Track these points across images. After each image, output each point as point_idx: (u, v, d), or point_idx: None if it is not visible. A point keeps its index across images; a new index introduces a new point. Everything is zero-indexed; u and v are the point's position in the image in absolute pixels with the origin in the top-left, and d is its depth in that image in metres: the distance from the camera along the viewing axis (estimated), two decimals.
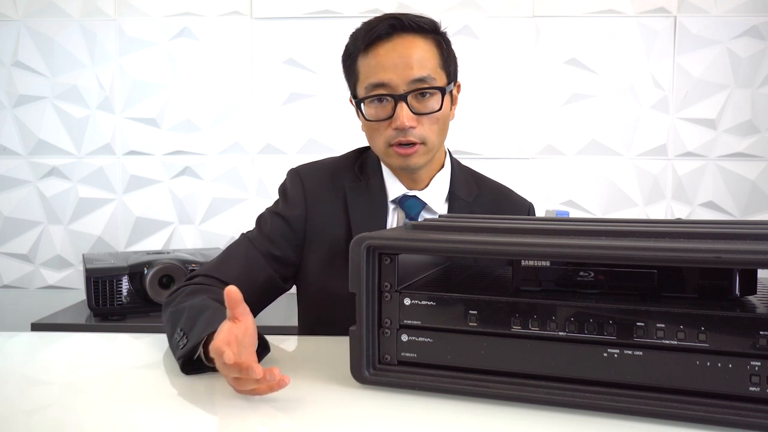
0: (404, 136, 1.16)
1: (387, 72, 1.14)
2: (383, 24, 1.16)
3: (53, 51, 2.44)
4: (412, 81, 1.14)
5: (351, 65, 1.21)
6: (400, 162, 1.19)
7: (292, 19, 2.42)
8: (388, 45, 1.15)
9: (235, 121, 2.46)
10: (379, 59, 1.16)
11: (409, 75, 1.14)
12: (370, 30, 1.16)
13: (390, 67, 1.14)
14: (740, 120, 2.37)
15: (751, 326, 0.69)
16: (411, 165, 1.19)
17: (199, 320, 0.95)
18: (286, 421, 0.77)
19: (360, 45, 1.18)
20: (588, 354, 0.76)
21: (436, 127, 1.18)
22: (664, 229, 0.78)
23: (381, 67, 1.15)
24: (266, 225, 1.25)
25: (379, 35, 1.15)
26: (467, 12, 2.40)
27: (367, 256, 0.82)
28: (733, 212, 2.39)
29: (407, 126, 1.14)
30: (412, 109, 1.15)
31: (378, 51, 1.16)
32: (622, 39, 2.38)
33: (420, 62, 1.15)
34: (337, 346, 0.93)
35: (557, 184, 2.42)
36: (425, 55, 1.16)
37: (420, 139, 1.17)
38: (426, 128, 1.17)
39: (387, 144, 1.18)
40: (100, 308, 1.98)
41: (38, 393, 0.87)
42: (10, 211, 2.48)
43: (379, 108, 1.17)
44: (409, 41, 1.16)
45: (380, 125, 1.18)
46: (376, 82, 1.16)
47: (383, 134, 1.18)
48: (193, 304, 1.02)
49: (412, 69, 1.14)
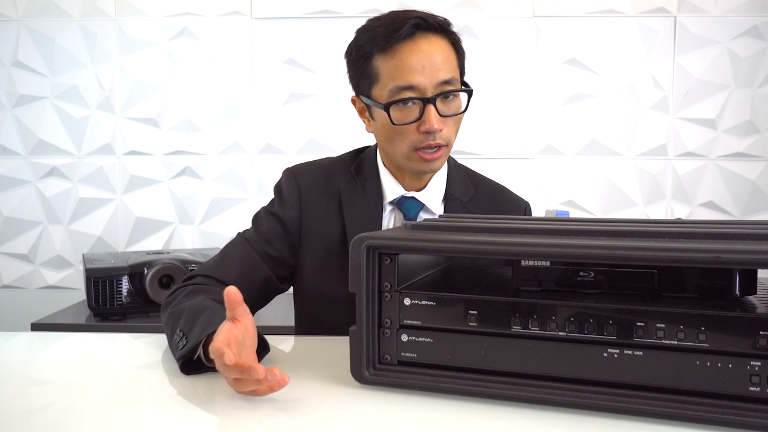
0: (433, 139, 1.13)
1: (415, 74, 1.10)
2: (408, 24, 1.10)
3: (53, 51, 2.44)
4: (440, 83, 1.11)
5: (364, 65, 1.15)
6: (422, 166, 1.16)
7: (292, 19, 2.42)
8: (412, 45, 1.11)
9: (235, 121, 2.46)
10: (405, 61, 1.10)
11: (437, 77, 1.11)
12: (394, 30, 1.11)
13: (418, 69, 1.10)
14: (740, 120, 2.37)
15: (751, 326, 0.69)
16: (434, 168, 1.18)
17: (199, 321, 0.95)
18: (286, 421, 0.77)
19: (380, 44, 1.12)
20: (588, 354, 0.76)
21: (457, 128, 1.18)
22: (664, 229, 0.78)
23: (408, 69, 1.10)
24: (262, 225, 1.25)
25: (401, 34, 1.10)
26: (467, 12, 2.40)
27: (367, 256, 0.82)
28: (733, 212, 2.38)
29: (437, 129, 1.11)
30: (438, 111, 1.12)
31: (402, 51, 1.11)
32: (622, 39, 2.38)
33: (446, 63, 1.12)
34: (337, 346, 0.94)
35: (557, 184, 2.42)
36: (448, 56, 1.13)
37: (445, 141, 1.15)
38: (450, 130, 1.16)
39: (412, 148, 1.14)
40: (100, 308, 1.98)
41: (38, 393, 0.87)
42: (10, 211, 2.48)
43: (406, 111, 1.13)
44: (434, 42, 1.12)
45: (406, 129, 1.13)
46: (404, 85, 1.11)
47: (409, 138, 1.14)
48: (192, 305, 1.02)
49: (440, 71, 1.11)
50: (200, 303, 1.02)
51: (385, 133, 1.17)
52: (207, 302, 1.02)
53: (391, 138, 1.16)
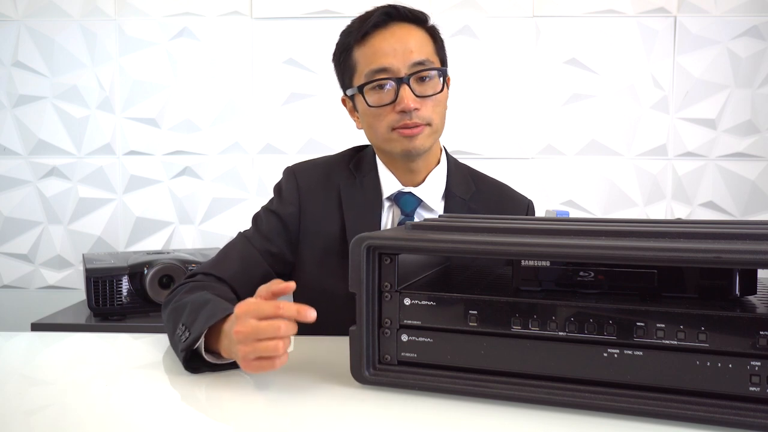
0: (409, 118, 1.16)
1: (387, 57, 1.15)
2: (378, 12, 1.17)
3: (53, 51, 2.44)
4: (412, 64, 1.15)
5: (345, 59, 1.22)
6: (404, 145, 1.18)
7: (292, 19, 2.42)
8: (385, 32, 1.17)
9: (235, 121, 2.46)
10: (378, 46, 1.16)
11: (409, 58, 1.15)
12: (365, 20, 1.18)
13: (390, 52, 1.15)
14: (740, 120, 2.37)
15: (751, 326, 0.69)
16: (417, 146, 1.18)
17: (202, 313, 0.95)
18: (286, 421, 0.77)
19: (356, 36, 1.19)
20: (588, 354, 0.76)
21: (439, 109, 1.19)
22: (664, 229, 0.78)
23: (381, 53, 1.16)
24: (262, 223, 1.26)
25: (375, 24, 1.17)
26: (467, 12, 2.40)
27: (367, 256, 0.82)
28: (733, 212, 2.38)
29: (412, 107, 1.14)
30: (414, 92, 1.15)
31: (375, 39, 1.17)
32: (622, 39, 2.38)
33: (418, 47, 1.17)
34: (337, 346, 0.93)
35: (557, 184, 2.42)
36: (421, 41, 1.18)
37: (425, 120, 1.17)
38: (430, 110, 1.17)
39: (390, 128, 1.17)
40: (100, 308, 1.97)
41: (38, 393, 0.87)
42: (10, 211, 2.48)
43: (382, 93, 1.17)
44: (405, 28, 1.18)
45: (383, 111, 1.17)
46: (377, 68, 1.16)
47: (386, 119, 1.17)
48: (194, 300, 1.02)
49: (412, 53, 1.15)
50: (202, 297, 1.02)
51: (367, 121, 1.21)
52: (209, 296, 1.02)
53: (372, 124, 1.20)
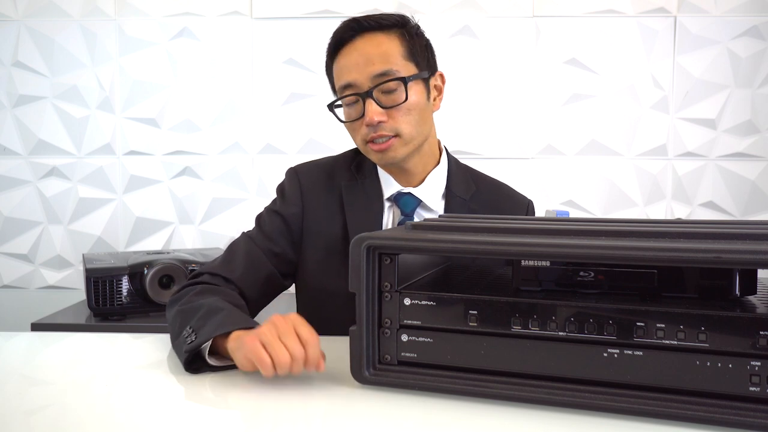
0: (375, 131, 1.17)
1: (351, 72, 1.17)
2: (342, 28, 1.19)
3: (53, 51, 2.44)
4: (374, 77, 1.16)
5: (329, 74, 1.25)
6: (378, 158, 1.21)
7: (292, 19, 2.42)
8: (350, 47, 1.18)
9: (235, 121, 2.46)
10: (343, 63, 1.19)
11: (370, 71, 1.16)
12: (333, 37, 1.21)
13: (353, 67, 1.17)
14: (740, 120, 2.37)
15: (751, 326, 0.69)
16: (388, 159, 1.20)
17: (212, 319, 0.95)
18: (286, 421, 0.77)
19: (330, 54, 1.22)
20: (588, 354, 0.76)
21: (410, 117, 1.18)
22: (664, 229, 0.78)
23: (346, 69, 1.18)
24: (265, 224, 1.27)
25: (341, 40, 1.19)
26: (467, 12, 2.40)
27: (367, 256, 0.82)
28: (733, 212, 2.38)
29: (376, 121, 1.16)
30: (380, 104, 1.16)
31: (341, 55, 1.19)
32: (622, 39, 2.37)
33: (382, 57, 1.16)
34: (337, 346, 0.93)
35: (557, 184, 2.42)
36: (387, 49, 1.17)
37: (392, 131, 1.17)
38: (398, 120, 1.17)
39: (364, 141, 1.20)
40: (100, 308, 1.97)
41: (38, 393, 0.87)
42: (10, 211, 2.48)
43: (351, 109, 1.20)
44: (369, 39, 1.18)
45: (355, 125, 1.20)
46: (343, 84, 1.18)
47: (359, 133, 1.20)
48: (208, 304, 1.01)
49: (374, 65, 1.16)
50: (216, 303, 1.02)
51: (348, 133, 1.25)
52: (222, 303, 1.02)
53: (351, 135, 1.24)
